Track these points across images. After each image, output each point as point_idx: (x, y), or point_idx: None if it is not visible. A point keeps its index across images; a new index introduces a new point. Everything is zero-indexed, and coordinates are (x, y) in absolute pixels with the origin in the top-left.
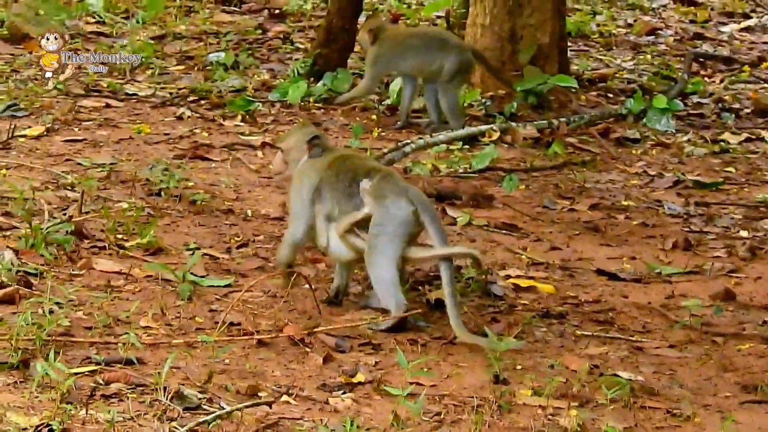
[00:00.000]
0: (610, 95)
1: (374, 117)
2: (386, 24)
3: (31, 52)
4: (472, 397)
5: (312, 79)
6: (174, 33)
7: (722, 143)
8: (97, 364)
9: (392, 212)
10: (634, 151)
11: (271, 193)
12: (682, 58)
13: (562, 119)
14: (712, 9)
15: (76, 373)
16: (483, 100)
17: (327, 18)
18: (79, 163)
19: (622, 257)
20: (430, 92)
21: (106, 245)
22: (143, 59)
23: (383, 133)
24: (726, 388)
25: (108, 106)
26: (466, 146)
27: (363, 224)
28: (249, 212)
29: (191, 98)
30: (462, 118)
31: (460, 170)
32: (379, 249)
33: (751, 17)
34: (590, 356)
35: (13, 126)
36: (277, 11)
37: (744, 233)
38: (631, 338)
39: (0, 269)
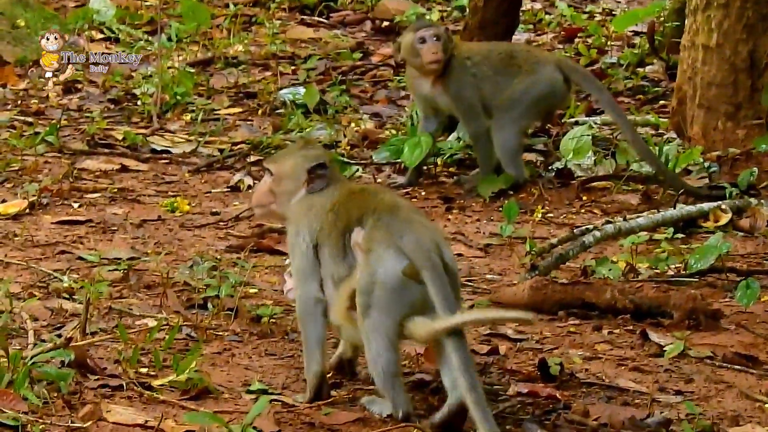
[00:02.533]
0: None
1: (536, 190)
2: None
3: (5, 85)
4: None
5: (441, 129)
6: (226, 57)
7: None
8: None
9: (377, 272)
10: None
11: None
12: None
13: None
14: None
15: None
16: (706, 164)
17: (465, 36)
18: (80, 258)
19: None
20: None
21: (123, 384)
22: (179, 98)
23: (550, 215)
24: None
25: (124, 169)
26: (680, 234)
27: None
28: None
29: (253, 158)
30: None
31: (671, 272)
32: (370, 328)
33: None
34: None
35: None
36: (385, 23)
37: None
38: None
39: None
